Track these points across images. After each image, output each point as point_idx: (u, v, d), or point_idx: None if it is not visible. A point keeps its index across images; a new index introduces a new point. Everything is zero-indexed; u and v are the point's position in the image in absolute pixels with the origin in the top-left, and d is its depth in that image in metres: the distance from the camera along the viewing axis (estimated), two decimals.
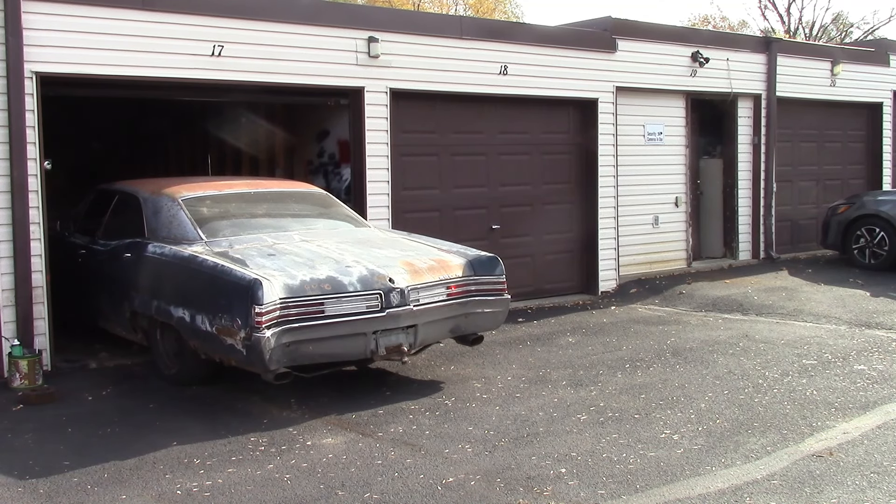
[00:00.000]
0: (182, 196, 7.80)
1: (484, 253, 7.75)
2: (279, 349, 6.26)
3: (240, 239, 7.40)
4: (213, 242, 7.27)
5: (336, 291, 6.57)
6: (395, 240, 7.99)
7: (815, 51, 15.16)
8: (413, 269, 7.05)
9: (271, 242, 7.36)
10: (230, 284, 6.46)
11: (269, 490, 5.03)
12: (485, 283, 7.43)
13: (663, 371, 7.71)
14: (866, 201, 13.05)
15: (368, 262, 6.94)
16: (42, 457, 5.65)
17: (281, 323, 6.27)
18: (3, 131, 7.55)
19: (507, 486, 5.06)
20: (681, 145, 12.89)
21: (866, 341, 8.75)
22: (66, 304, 8.41)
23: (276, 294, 6.27)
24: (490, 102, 10.85)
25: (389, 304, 6.74)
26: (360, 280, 6.70)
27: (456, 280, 7.26)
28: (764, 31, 18.10)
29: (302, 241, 7.45)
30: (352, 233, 8.05)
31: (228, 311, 6.39)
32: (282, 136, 11.48)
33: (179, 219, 7.57)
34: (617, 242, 11.94)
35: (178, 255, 7.13)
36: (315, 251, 7.14)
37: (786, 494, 4.88)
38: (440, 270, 7.22)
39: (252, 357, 6.27)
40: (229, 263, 6.67)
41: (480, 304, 7.38)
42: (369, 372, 7.79)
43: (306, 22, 9.23)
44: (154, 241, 7.58)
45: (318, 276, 6.59)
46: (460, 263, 7.41)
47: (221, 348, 6.54)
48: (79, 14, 7.91)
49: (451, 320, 7.26)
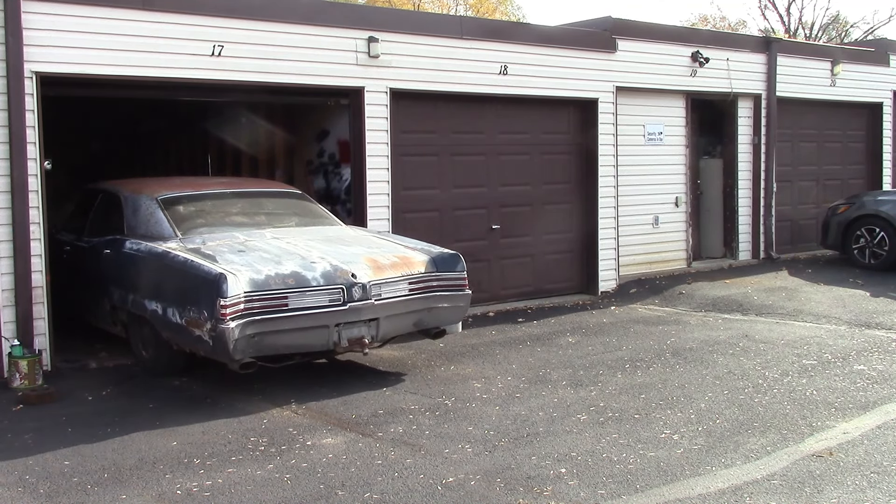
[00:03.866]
0: (160, 195, 8.15)
1: (446, 250, 8.00)
2: (244, 340, 6.56)
3: (213, 236, 7.70)
4: (187, 239, 7.59)
5: (300, 286, 6.87)
6: (364, 238, 8.26)
7: (815, 51, 15.16)
8: (376, 265, 7.36)
9: (243, 239, 7.66)
10: (198, 278, 6.76)
11: (269, 490, 5.03)
12: (446, 279, 7.74)
13: (663, 371, 7.71)
14: (866, 201, 13.04)
15: (333, 259, 7.24)
16: (42, 457, 5.65)
17: (246, 315, 6.57)
18: (3, 131, 7.56)
19: (507, 486, 5.06)
20: (681, 145, 12.89)
21: (866, 341, 8.75)
22: (58, 301, 8.49)
23: (241, 288, 6.58)
24: (490, 102, 10.85)
25: (351, 298, 7.04)
26: (324, 275, 7.00)
27: (418, 276, 7.55)
28: (764, 31, 18.13)
29: (273, 239, 7.73)
30: (323, 231, 8.32)
31: (196, 303, 6.71)
32: (282, 136, 11.48)
33: (157, 217, 7.93)
34: (617, 242, 11.94)
35: (153, 251, 7.46)
36: (283, 248, 7.42)
37: (786, 494, 4.88)
38: (403, 267, 7.51)
39: (218, 347, 6.58)
40: (198, 259, 6.97)
41: (442, 300, 7.70)
42: (369, 372, 7.79)
43: (306, 22, 9.23)
44: (132, 237, 7.91)
45: (283, 272, 6.90)
46: (423, 260, 7.69)
47: (190, 339, 6.87)
48: (79, 14, 7.92)
49: (413, 314, 7.55)
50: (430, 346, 8.79)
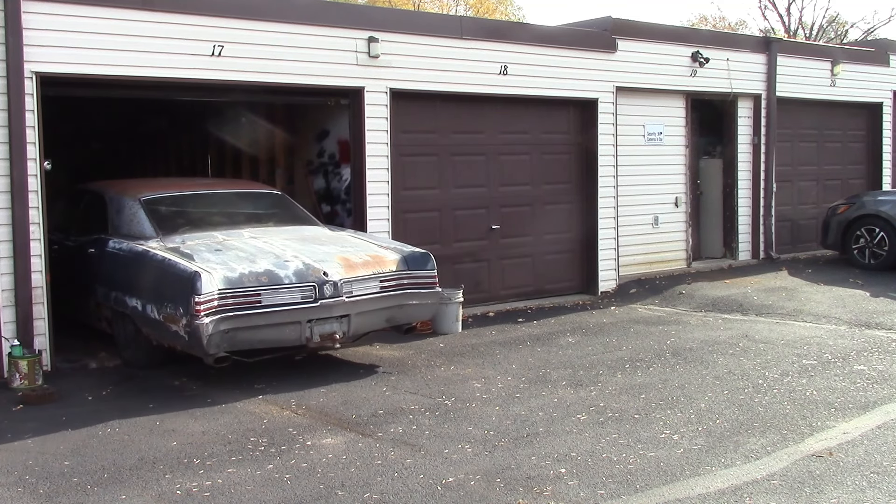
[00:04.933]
0: (143, 196, 8.45)
1: (418, 249, 8.29)
2: (218, 335, 6.84)
3: (192, 236, 7.98)
4: (167, 239, 7.87)
5: (272, 283, 7.16)
6: (339, 238, 8.52)
7: (814, 51, 15.16)
8: (348, 264, 7.65)
9: (221, 239, 7.95)
10: (175, 276, 7.08)
11: (269, 490, 5.03)
12: (417, 276, 8.03)
13: (663, 371, 7.71)
14: (866, 201, 13.04)
15: (306, 257, 7.52)
16: (42, 457, 5.65)
17: (220, 311, 6.86)
18: (3, 131, 7.56)
19: (507, 486, 5.06)
20: (681, 145, 12.89)
21: (866, 341, 8.75)
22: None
23: (216, 285, 6.89)
24: (490, 102, 10.84)
25: (323, 296, 7.32)
26: (296, 273, 7.29)
27: (389, 274, 7.84)
28: (764, 31, 18.13)
29: (250, 238, 8.03)
30: (300, 231, 8.57)
31: (173, 300, 7.01)
32: (282, 136, 11.48)
33: (139, 217, 8.22)
34: (617, 242, 11.95)
35: (133, 250, 7.79)
36: (259, 247, 7.72)
37: (786, 494, 4.88)
38: (375, 265, 7.81)
39: (193, 342, 6.86)
40: (176, 257, 7.28)
41: (413, 297, 7.97)
42: (369, 372, 7.79)
43: (306, 22, 9.23)
44: (116, 237, 8.23)
45: (257, 270, 7.20)
46: (395, 259, 7.98)
47: (168, 334, 7.16)
48: (79, 14, 7.92)
49: (385, 311, 7.82)
50: (430, 346, 8.79)
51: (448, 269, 10.54)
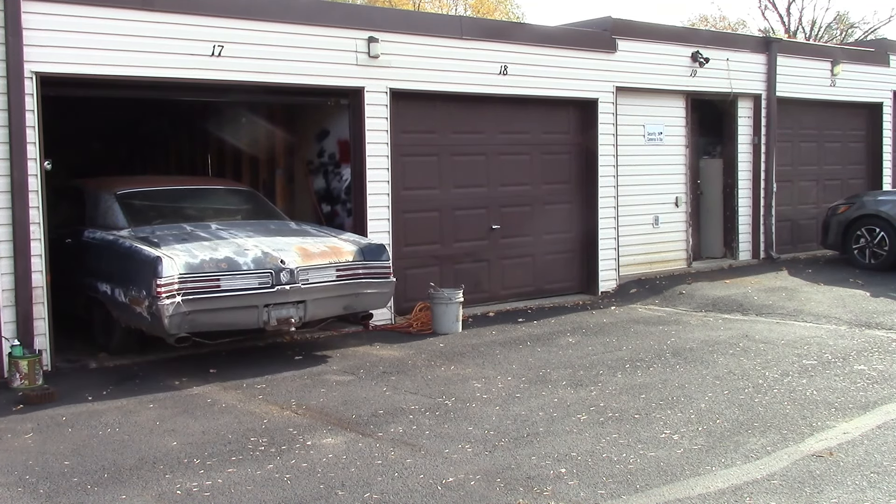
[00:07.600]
0: (118, 190, 9.02)
1: (374, 241, 8.84)
2: (178, 317, 7.31)
3: (162, 227, 8.50)
4: (139, 229, 8.38)
5: (231, 269, 7.64)
6: (301, 230, 9.04)
7: (814, 51, 15.16)
8: (305, 253, 8.10)
9: (189, 230, 8.44)
10: (139, 261, 7.58)
11: (269, 490, 5.03)
12: (372, 267, 8.44)
13: (663, 371, 7.71)
14: (866, 201, 13.04)
15: (265, 247, 8.01)
16: (42, 457, 5.65)
17: (181, 294, 7.33)
18: (3, 131, 7.56)
19: (507, 486, 5.06)
20: (681, 145, 12.89)
21: (866, 341, 8.75)
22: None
23: (177, 269, 7.37)
24: (490, 102, 10.84)
25: (279, 282, 7.78)
26: (254, 260, 7.78)
27: (345, 264, 8.28)
28: (764, 31, 18.12)
29: (217, 229, 8.54)
30: (265, 224, 9.09)
31: (137, 283, 7.54)
32: (282, 136, 11.48)
33: (113, 210, 8.76)
34: (617, 242, 11.95)
35: (104, 239, 8.37)
36: (223, 237, 8.23)
37: (786, 494, 4.88)
38: (331, 255, 8.26)
39: (155, 323, 7.37)
40: (142, 244, 7.78)
41: (368, 286, 8.40)
42: (369, 372, 7.79)
43: (306, 22, 9.23)
44: (91, 227, 8.75)
45: (217, 256, 7.68)
46: (351, 250, 8.41)
47: (133, 316, 7.69)
48: (78, 14, 7.92)
49: (342, 298, 8.29)
50: (430, 346, 8.80)
51: (448, 269, 10.55)
